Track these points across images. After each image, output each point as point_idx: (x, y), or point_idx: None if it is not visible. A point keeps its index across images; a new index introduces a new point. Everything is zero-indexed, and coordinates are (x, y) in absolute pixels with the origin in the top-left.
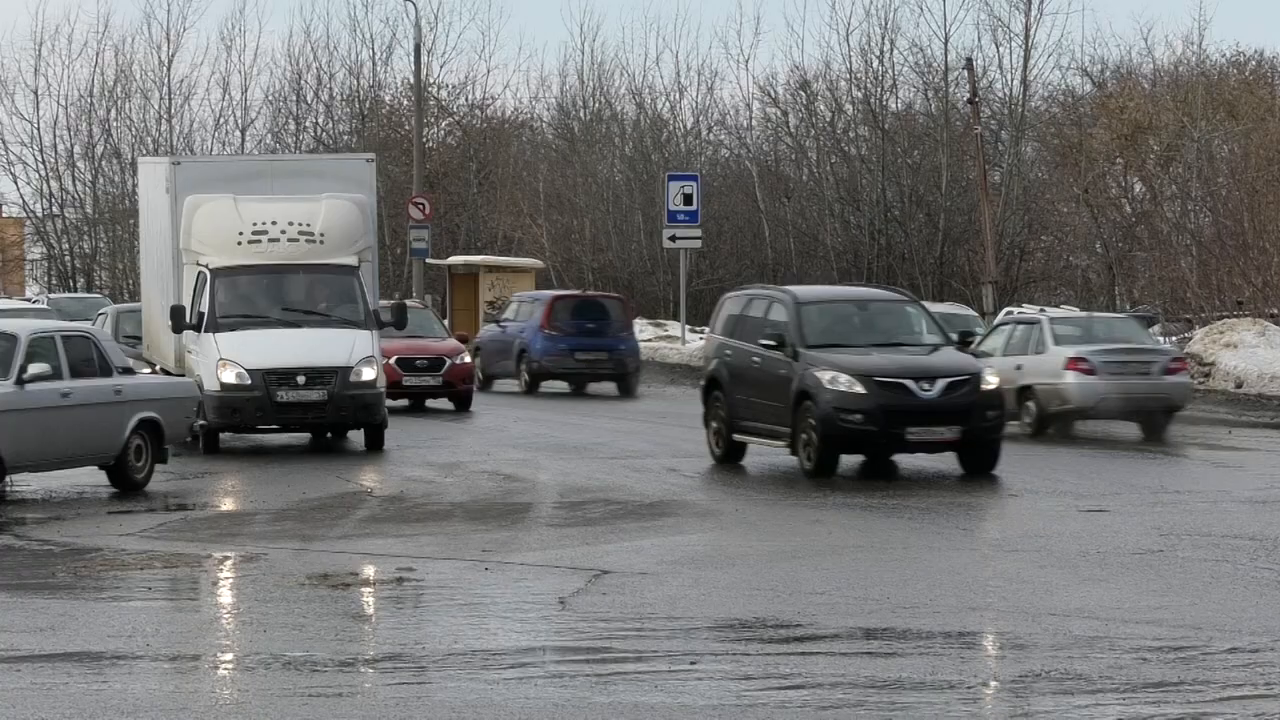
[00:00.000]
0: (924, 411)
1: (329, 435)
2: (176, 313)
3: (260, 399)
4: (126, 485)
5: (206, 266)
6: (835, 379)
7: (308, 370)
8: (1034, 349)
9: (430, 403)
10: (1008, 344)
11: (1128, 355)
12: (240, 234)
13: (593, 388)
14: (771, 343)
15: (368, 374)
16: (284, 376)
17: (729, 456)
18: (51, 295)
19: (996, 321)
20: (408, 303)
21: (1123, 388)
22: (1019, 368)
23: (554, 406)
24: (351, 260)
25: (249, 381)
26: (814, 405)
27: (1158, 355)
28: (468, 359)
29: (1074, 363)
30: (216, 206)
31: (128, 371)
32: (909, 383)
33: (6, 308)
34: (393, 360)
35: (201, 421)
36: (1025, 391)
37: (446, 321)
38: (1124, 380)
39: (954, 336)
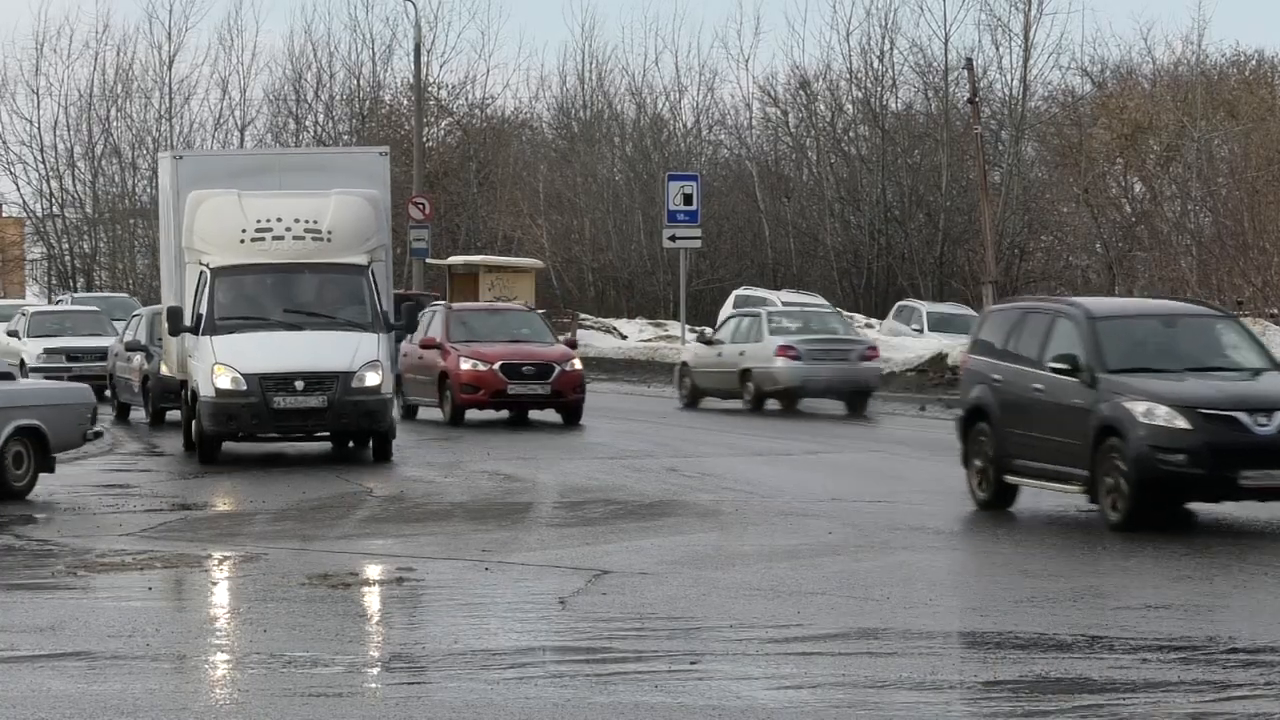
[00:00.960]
0: (1263, 450)
1: (351, 444)
2: (173, 314)
3: (256, 405)
4: (5, 495)
5: (207, 266)
6: (1151, 411)
7: (306, 375)
8: (754, 338)
9: (534, 414)
10: (734, 333)
11: (829, 344)
12: (243, 231)
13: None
14: (1063, 366)
15: (372, 379)
16: (281, 382)
17: (997, 500)
18: (75, 295)
19: (726, 314)
20: (512, 304)
21: (823, 371)
22: (742, 353)
23: None
24: (361, 259)
25: (244, 387)
26: (1123, 443)
27: (855, 344)
28: (578, 365)
29: (782, 350)
30: (220, 202)
31: (6, 377)
32: (1242, 416)
33: (64, 309)
34: (496, 366)
35: (97, 429)
36: (746, 374)
37: None
38: (825, 365)
39: None
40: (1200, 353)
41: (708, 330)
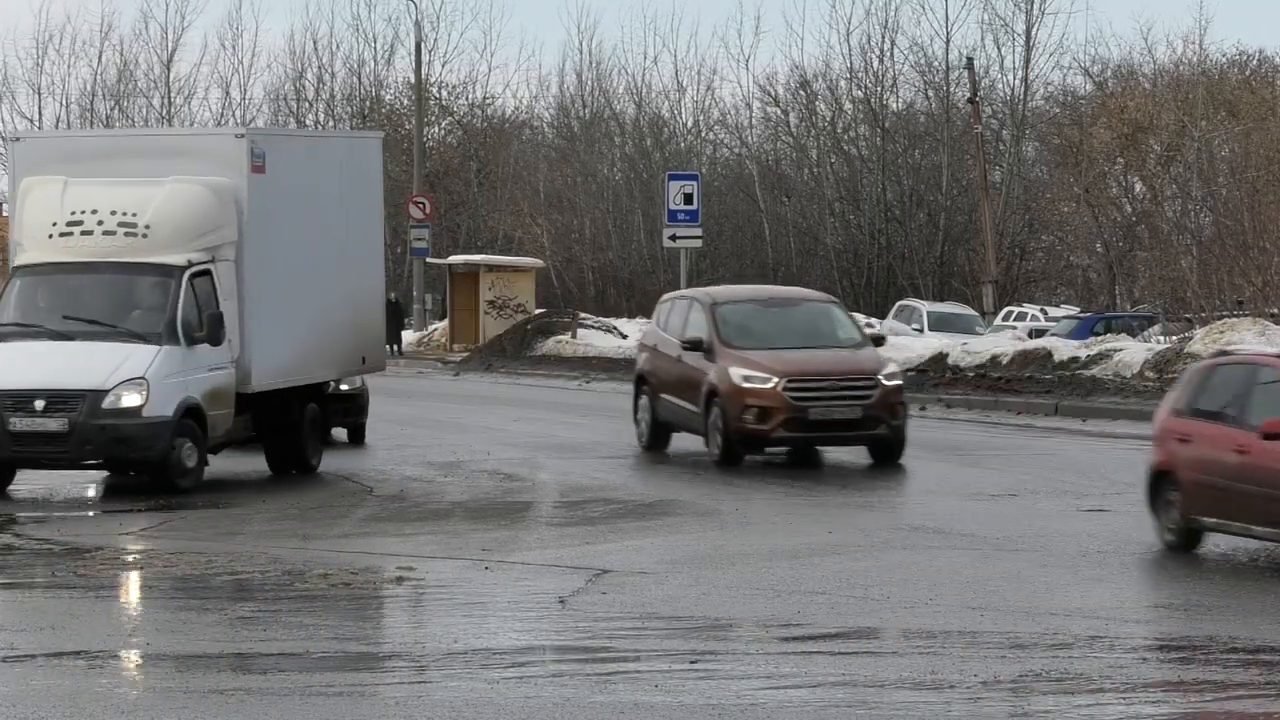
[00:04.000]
0: None
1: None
2: None
3: None
4: None
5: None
6: None
7: (48, 393)
8: None
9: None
10: None
11: None
12: (54, 225)
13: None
14: None
15: (130, 400)
16: (22, 400)
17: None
18: None
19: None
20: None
21: None
22: None
23: (554, 406)
24: (178, 259)
25: None
26: None
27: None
28: None
29: None
30: (44, 192)
31: None
32: None
33: None
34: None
35: None
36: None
37: (445, 322)
38: None
39: None
40: None
41: None
